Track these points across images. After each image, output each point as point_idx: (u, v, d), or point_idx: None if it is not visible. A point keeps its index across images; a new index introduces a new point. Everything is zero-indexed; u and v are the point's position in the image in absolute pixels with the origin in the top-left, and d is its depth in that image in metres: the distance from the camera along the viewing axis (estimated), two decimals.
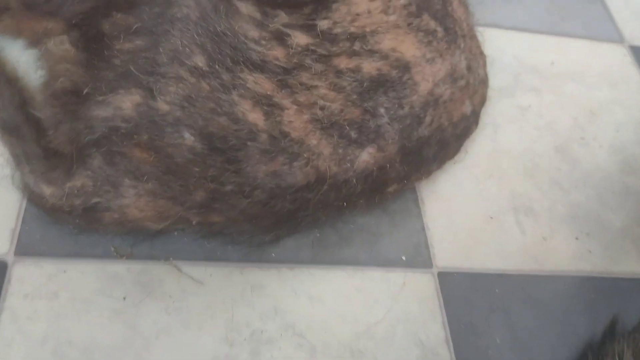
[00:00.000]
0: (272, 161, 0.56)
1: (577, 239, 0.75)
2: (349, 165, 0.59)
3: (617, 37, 1.02)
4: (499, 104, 0.86)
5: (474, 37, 0.74)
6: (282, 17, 0.64)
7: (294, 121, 0.58)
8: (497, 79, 0.89)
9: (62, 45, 0.61)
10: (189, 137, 0.55)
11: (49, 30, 0.65)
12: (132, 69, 0.56)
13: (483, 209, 0.74)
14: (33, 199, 0.59)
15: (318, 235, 0.67)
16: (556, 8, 1.04)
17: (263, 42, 0.61)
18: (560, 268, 0.71)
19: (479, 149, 0.80)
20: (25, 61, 0.67)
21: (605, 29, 1.03)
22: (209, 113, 0.55)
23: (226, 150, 0.55)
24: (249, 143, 0.55)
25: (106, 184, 0.55)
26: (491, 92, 0.87)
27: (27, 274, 0.58)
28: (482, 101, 0.75)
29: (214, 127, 0.55)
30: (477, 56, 0.74)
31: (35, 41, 0.66)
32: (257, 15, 0.63)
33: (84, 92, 0.55)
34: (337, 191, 0.60)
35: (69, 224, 0.59)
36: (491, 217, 0.74)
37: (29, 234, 0.60)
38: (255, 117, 0.56)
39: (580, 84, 0.93)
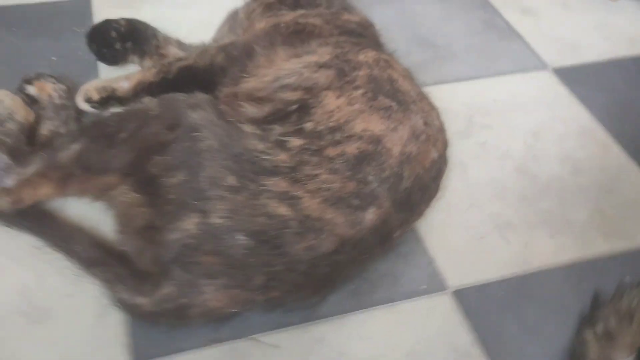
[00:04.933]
0: (304, 239, 0.74)
1: (552, 237, 0.93)
2: (359, 226, 0.77)
3: (540, 65, 1.24)
4: (461, 145, 1.06)
5: (423, 98, 0.93)
6: (277, 129, 0.82)
7: (310, 205, 0.75)
8: (454, 125, 1.08)
9: (126, 194, 0.78)
10: (241, 238, 0.72)
11: (109, 184, 0.82)
12: (186, 199, 0.74)
13: (473, 233, 0.93)
14: (130, 310, 0.76)
15: (353, 287, 0.84)
16: (485, 53, 1.26)
17: (269, 151, 0.79)
18: (545, 264, 0.89)
19: (455, 186, 0.99)
20: (93, 213, 0.85)
21: (529, 60, 1.25)
22: (249, 217, 0.73)
23: (269, 241, 0.73)
24: (284, 230, 0.73)
25: (188, 287, 0.72)
26: (452, 137, 1.07)
27: None
28: (445, 145, 0.93)
29: (256, 226, 0.72)
30: (430, 112, 0.92)
31: (99, 195, 0.84)
32: (258, 131, 0.82)
33: (156, 226, 0.73)
34: (358, 248, 0.78)
35: (165, 323, 0.75)
36: (481, 237, 0.92)
37: (140, 344, 0.76)
38: (283, 210, 0.74)
39: (522, 112, 1.13)
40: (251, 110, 0.86)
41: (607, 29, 1.36)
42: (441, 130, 0.92)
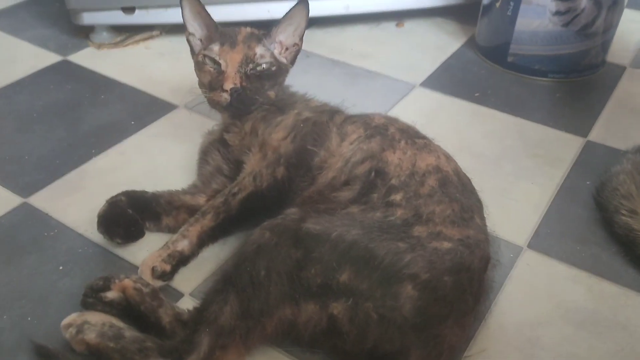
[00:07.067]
0: (475, 254, 0.91)
1: (533, 183, 1.27)
2: (482, 229, 0.98)
3: (411, 86, 1.59)
4: None
5: None
6: (375, 196, 0.97)
7: (451, 232, 0.92)
8: None
9: (332, 306, 0.84)
10: (446, 279, 0.86)
11: (290, 316, 0.86)
12: (383, 278, 0.85)
13: (494, 206, 1.20)
14: None
15: None
16: (373, 94, 1.55)
17: (389, 213, 0.94)
18: (547, 199, 1.23)
19: None
20: None
21: (402, 86, 1.59)
22: (440, 261, 0.86)
23: (461, 269, 0.88)
24: (463, 256, 0.89)
25: (432, 339, 0.84)
26: None
27: None
28: None
29: (448, 264, 0.87)
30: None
31: (286, 331, 0.87)
32: (363, 206, 0.96)
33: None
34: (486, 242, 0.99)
35: None
36: (502, 207, 1.21)
37: None
38: (446, 244, 0.90)
39: (435, 118, 1.46)
40: (346, 194, 0.99)
41: (420, 47, 1.79)
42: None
